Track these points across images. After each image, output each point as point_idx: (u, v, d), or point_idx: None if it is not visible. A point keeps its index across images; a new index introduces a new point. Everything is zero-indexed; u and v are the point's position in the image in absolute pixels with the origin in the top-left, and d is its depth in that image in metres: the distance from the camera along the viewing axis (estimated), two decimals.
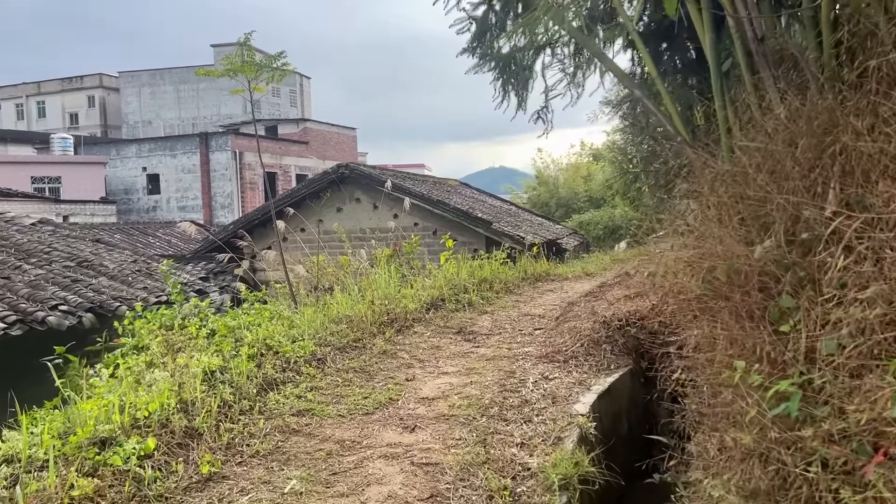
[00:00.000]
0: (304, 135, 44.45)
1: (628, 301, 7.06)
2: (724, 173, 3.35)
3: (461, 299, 8.80)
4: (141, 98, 63.45)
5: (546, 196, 45.84)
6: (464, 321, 7.93)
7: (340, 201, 16.83)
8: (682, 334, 3.83)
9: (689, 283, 3.44)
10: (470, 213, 15.69)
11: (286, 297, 9.60)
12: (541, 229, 19.69)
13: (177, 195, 39.96)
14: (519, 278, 10.79)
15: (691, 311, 3.48)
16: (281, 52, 9.90)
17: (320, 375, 5.55)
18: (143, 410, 4.12)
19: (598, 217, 37.52)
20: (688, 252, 3.51)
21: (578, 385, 5.35)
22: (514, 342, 6.94)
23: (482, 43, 7.93)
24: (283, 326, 6.55)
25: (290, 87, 63.22)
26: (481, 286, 9.62)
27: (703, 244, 3.48)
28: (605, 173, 41.75)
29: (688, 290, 3.48)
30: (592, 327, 6.37)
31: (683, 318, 3.66)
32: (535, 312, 8.56)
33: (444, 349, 6.71)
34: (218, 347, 5.76)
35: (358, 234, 16.56)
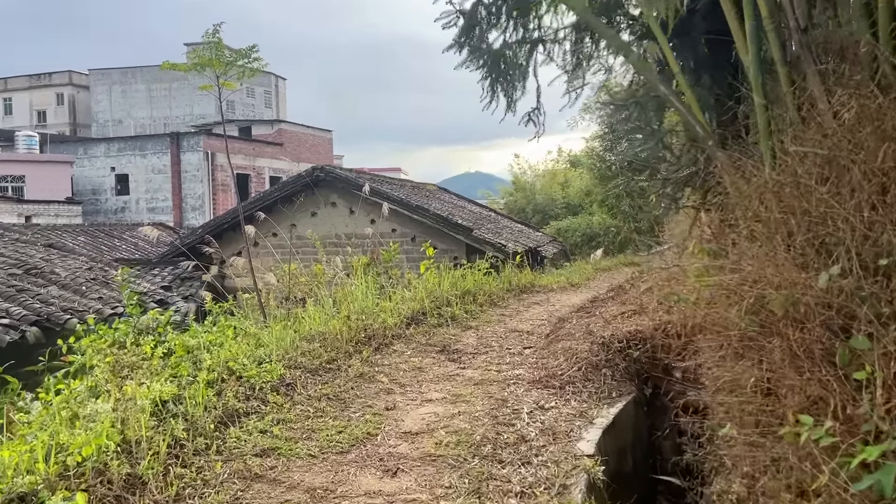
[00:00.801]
0: (279, 136, 43.62)
1: (626, 319, 6.53)
2: (773, 183, 2.81)
3: (444, 313, 8.21)
4: (112, 96, 61.94)
5: (523, 202, 45.53)
6: (447, 338, 7.34)
7: (315, 205, 16.16)
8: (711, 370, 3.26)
9: (727, 313, 2.89)
10: (450, 220, 15.12)
11: (255, 308, 8.94)
12: (521, 237, 19.18)
13: (146, 196, 38.90)
14: (503, 290, 10.23)
15: (730, 346, 2.93)
16: (252, 47, 9.26)
17: (289, 405, 4.92)
18: (76, 455, 3.46)
19: (576, 224, 37.22)
20: (724, 276, 2.96)
21: (579, 417, 4.79)
22: (503, 363, 6.37)
23: (470, 38, 7.36)
24: (248, 346, 5.91)
25: (265, 87, 62.19)
26: (464, 298, 9.05)
27: (743, 265, 2.94)
28: (584, 180, 41.57)
29: (727, 322, 2.93)
30: (590, 349, 5.81)
31: (719, 354, 3.09)
32: (522, 328, 8.00)
33: (427, 371, 6.11)
34: (174, 371, 5.11)
35: (333, 240, 15.89)
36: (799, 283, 2.56)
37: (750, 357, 2.79)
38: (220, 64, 8.95)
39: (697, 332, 4.12)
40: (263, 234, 15.71)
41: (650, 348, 5.70)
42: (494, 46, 7.23)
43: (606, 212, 36.59)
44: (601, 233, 36.08)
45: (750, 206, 2.98)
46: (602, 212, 37.06)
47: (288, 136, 43.91)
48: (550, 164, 50.15)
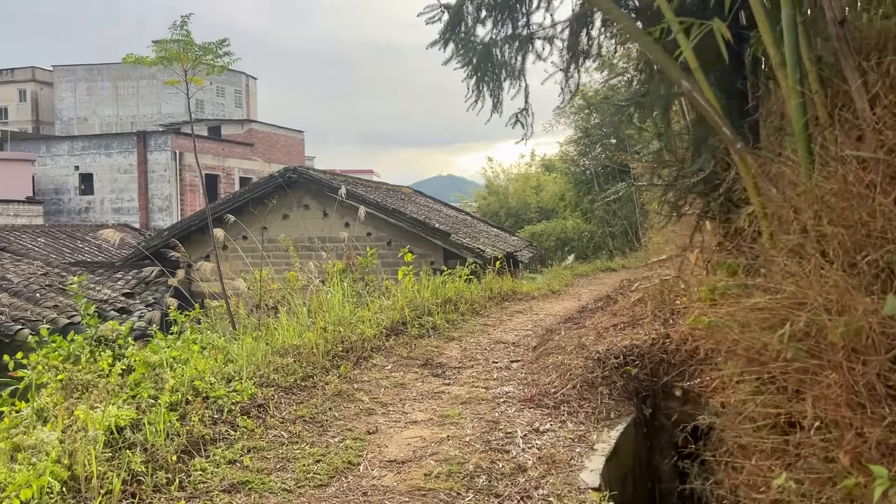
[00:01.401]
0: (249, 136, 42.83)
1: (619, 332, 6.19)
2: (821, 192, 2.47)
3: (425, 323, 7.81)
4: (76, 94, 60.36)
5: (496, 206, 45.34)
6: (430, 350, 6.94)
7: (287, 208, 15.63)
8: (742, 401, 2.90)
9: (766, 339, 2.54)
10: (427, 224, 14.72)
11: (224, 317, 8.44)
12: (498, 241, 18.85)
13: (111, 196, 37.85)
14: (485, 298, 9.85)
15: (770, 377, 2.58)
16: (223, 41, 8.75)
17: (261, 429, 4.47)
18: (13, 499, 2.99)
19: (550, 228, 37.08)
20: (759, 296, 2.61)
21: (578, 441, 4.42)
22: (491, 378, 5.98)
23: (456, 34, 6.97)
24: (216, 361, 5.44)
25: (236, 87, 61.13)
26: (446, 307, 8.65)
27: (784, 285, 2.59)
28: (558, 185, 41.49)
29: (763, 349, 2.58)
30: (585, 365, 5.45)
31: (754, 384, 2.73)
32: (507, 339, 7.63)
33: (410, 388, 5.70)
34: (133, 392, 4.63)
35: (306, 244, 15.39)
36: (860, 308, 2.21)
37: (797, 391, 2.44)
38: (188, 58, 8.45)
39: (713, 355, 3.77)
40: (233, 237, 15.15)
41: (648, 365, 5.36)
42: (480, 44, 6.85)
43: (580, 216, 36.55)
44: (575, 237, 35.99)
45: (791, 217, 2.64)
46: (576, 217, 37.01)
47: (259, 137, 43.14)
48: (524, 168, 50.10)
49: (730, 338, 2.74)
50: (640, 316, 6.43)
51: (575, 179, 36.11)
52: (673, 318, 6.00)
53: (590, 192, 34.21)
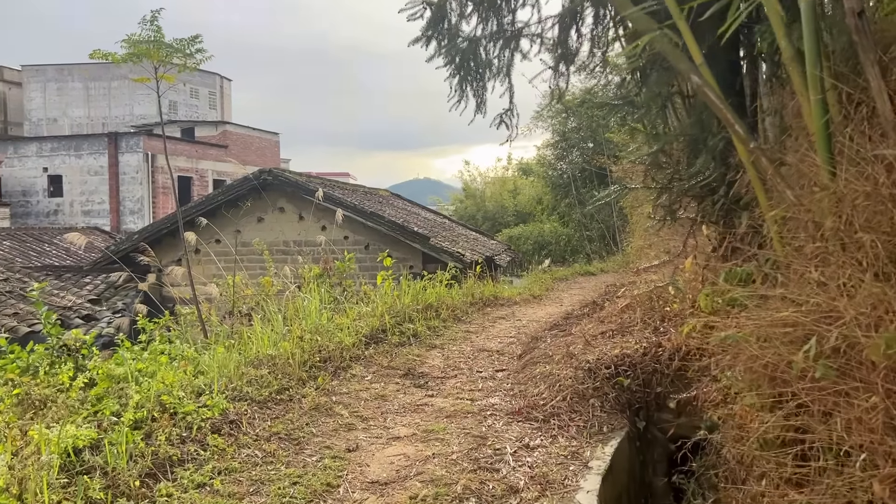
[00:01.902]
0: (224, 138, 42.24)
1: (609, 340, 5.96)
2: (853, 196, 2.25)
3: (405, 330, 7.54)
4: (46, 94, 59.05)
5: (473, 209, 45.31)
6: (411, 359, 6.67)
7: (262, 210, 15.26)
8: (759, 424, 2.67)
9: (789, 355, 2.32)
10: (406, 228, 14.45)
11: (195, 324, 8.10)
12: (477, 245, 18.63)
13: (81, 199, 37.05)
14: (466, 303, 9.61)
15: (794, 398, 2.35)
16: (195, 37, 8.41)
17: (233, 449, 4.16)
18: None
19: (527, 232, 37.06)
20: (786, 309, 2.39)
21: (571, 458, 4.18)
22: (476, 389, 5.73)
23: (438, 31, 6.72)
24: (185, 374, 5.12)
25: (210, 88, 60.27)
26: (426, 313, 8.39)
27: (808, 295, 2.37)
28: (535, 188, 41.49)
29: (790, 367, 2.35)
30: (575, 376, 5.22)
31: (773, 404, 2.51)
32: (490, 347, 7.39)
33: (392, 400, 5.42)
34: (95, 408, 4.31)
35: (281, 248, 15.04)
36: None
37: (824, 413, 2.22)
38: (159, 55, 8.10)
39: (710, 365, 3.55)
40: (206, 240, 14.79)
41: (641, 375, 5.14)
42: (464, 42, 6.62)
43: (557, 220, 36.55)
44: (553, 241, 35.99)
45: (810, 222, 2.42)
46: (553, 220, 37.01)
47: (233, 139, 42.57)
48: (500, 172, 50.19)
49: (748, 353, 2.51)
50: (629, 323, 6.22)
51: (552, 183, 36.12)
52: (664, 325, 5.80)
53: (567, 195, 34.24)
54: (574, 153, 34.72)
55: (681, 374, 5.08)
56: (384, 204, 18.53)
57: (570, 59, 4.84)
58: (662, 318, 5.96)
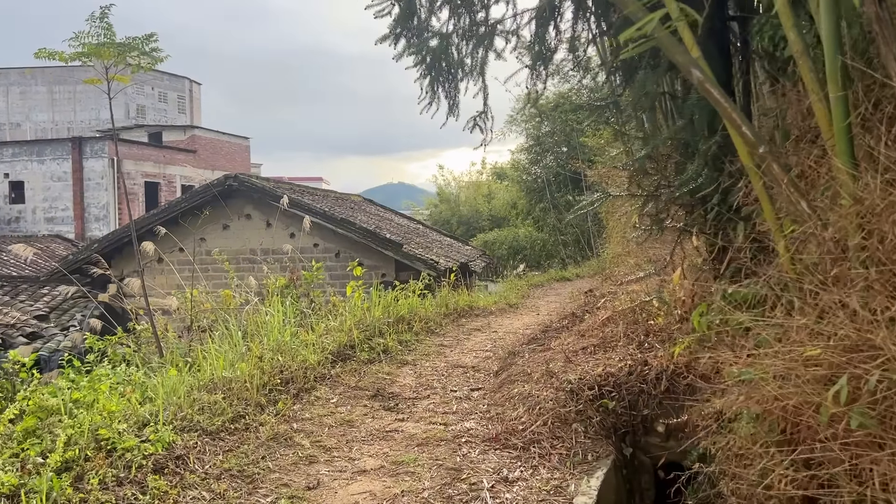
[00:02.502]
0: (192, 143, 41.38)
1: (591, 357, 5.61)
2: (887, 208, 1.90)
3: (375, 345, 7.11)
4: (9, 98, 57.55)
5: (447, 213, 45.07)
6: (381, 378, 6.25)
7: (227, 217, 14.72)
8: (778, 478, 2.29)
9: (816, 398, 1.95)
10: (378, 234, 14.01)
11: (152, 341, 7.59)
12: (452, 251, 18.25)
13: (44, 205, 36.00)
14: (440, 314, 9.20)
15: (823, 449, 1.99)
16: (150, 35, 7.92)
17: (177, 490, 3.71)
18: None
19: (502, 237, 36.85)
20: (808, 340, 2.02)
21: (555, 494, 3.79)
22: (450, 412, 5.33)
23: (407, 28, 6.33)
24: (130, 402, 4.65)
25: (179, 92, 59.26)
26: (398, 326, 7.97)
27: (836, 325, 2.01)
28: (510, 193, 41.29)
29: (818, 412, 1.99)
30: (556, 398, 4.84)
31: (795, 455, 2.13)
32: (466, 362, 6.99)
33: (359, 426, 5.00)
34: (22, 446, 3.83)
35: (247, 256, 14.51)
36: None
37: (856, 468, 1.86)
38: (111, 53, 7.60)
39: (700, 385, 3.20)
40: (168, 249, 14.21)
41: (626, 397, 4.78)
42: (435, 40, 6.24)
43: (532, 224, 36.36)
44: (527, 245, 35.79)
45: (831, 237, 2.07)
46: (528, 225, 36.82)
47: (202, 143, 41.74)
48: (475, 176, 50.06)
49: (764, 394, 2.14)
50: (611, 338, 5.87)
51: (527, 188, 35.93)
52: (648, 340, 5.46)
53: (542, 200, 34.06)
54: (548, 157, 34.56)
55: (669, 394, 4.74)
56: (356, 210, 18.08)
57: (547, 58, 4.48)
58: (647, 333, 5.62)
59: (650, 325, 5.69)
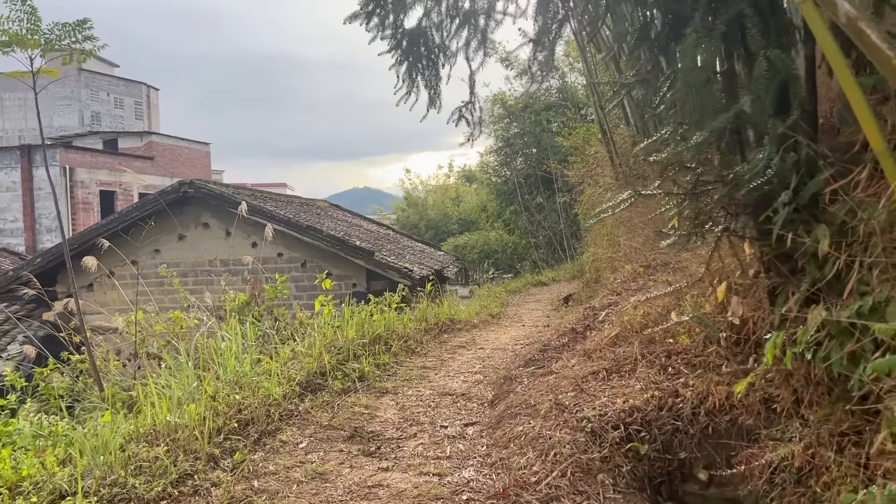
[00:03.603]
0: (150, 149, 39.89)
1: (605, 384, 4.79)
2: None
3: (349, 372, 6.21)
4: None
5: (415, 218, 44.35)
6: (358, 412, 5.35)
7: (183, 226, 13.64)
8: None
9: None
10: (347, 242, 13.07)
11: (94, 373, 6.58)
12: (425, 257, 17.37)
13: None
14: (420, 331, 8.32)
15: None
16: (83, 21, 6.93)
17: None
18: None
19: (473, 241, 36.20)
20: None
21: None
22: (443, 456, 4.46)
23: (381, 6, 5.48)
24: (43, 467, 3.69)
25: (135, 98, 57.41)
26: (374, 347, 7.08)
27: None
28: (479, 195, 40.61)
29: None
30: (574, 440, 4.01)
31: None
32: (454, 388, 6.14)
33: (335, 480, 4.11)
34: None
35: (206, 268, 13.47)
36: None
37: None
38: (35, 42, 6.59)
39: None
40: (121, 262, 13.10)
41: (659, 437, 3.97)
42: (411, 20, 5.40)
43: (503, 227, 35.72)
44: (499, 249, 35.18)
45: None
46: (499, 228, 36.19)
47: (160, 150, 40.27)
48: (442, 180, 49.41)
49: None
50: (625, 360, 5.07)
51: (497, 190, 35.23)
52: (672, 364, 4.66)
53: (512, 202, 33.36)
54: (518, 159, 33.94)
55: (709, 433, 3.94)
56: (323, 216, 17.10)
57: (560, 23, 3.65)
58: (668, 355, 4.83)
59: (671, 346, 4.90)
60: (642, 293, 6.82)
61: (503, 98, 33.01)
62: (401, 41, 5.78)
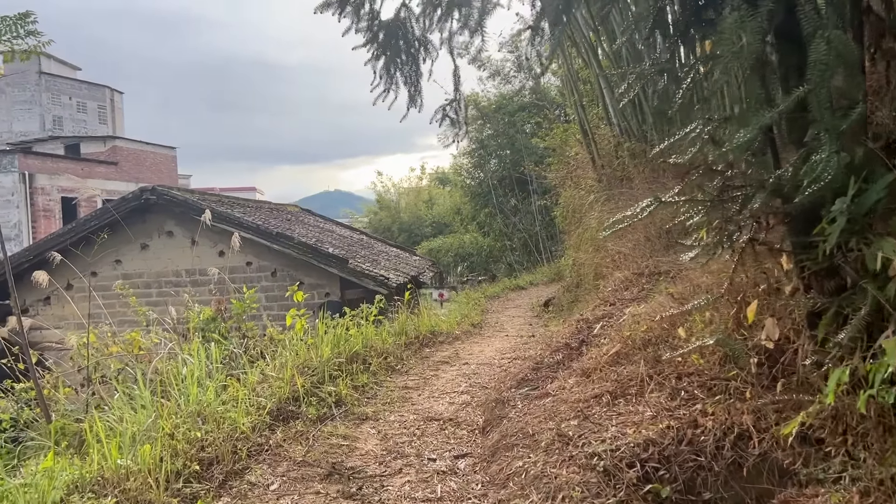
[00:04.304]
0: (114, 154, 38.77)
1: (610, 410, 4.33)
2: None
3: (325, 396, 5.68)
4: None
5: (388, 221, 43.82)
6: (336, 444, 4.82)
7: (146, 235, 12.95)
8: None
9: None
10: (320, 249, 12.49)
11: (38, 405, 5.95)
12: (401, 264, 16.83)
13: None
14: (400, 346, 7.79)
15: None
16: (25, 14, 6.31)
17: None
18: None
19: (447, 244, 35.76)
20: None
21: None
22: (432, 496, 3.96)
23: None
24: None
25: (99, 101, 55.95)
26: (352, 366, 6.55)
27: None
28: (454, 198, 40.16)
29: None
30: (584, 481, 3.53)
31: None
32: (440, 411, 5.64)
33: None
34: None
35: (171, 279, 12.79)
36: None
37: None
38: None
39: None
40: (78, 274, 12.38)
41: (679, 475, 3.51)
42: (388, 10, 4.90)
43: (477, 230, 35.33)
44: (474, 252, 34.76)
45: None
46: (473, 230, 35.78)
47: (124, 154, 39.16)
48: (415, 182, 48.94)
49: None
50: (629, 381, 4.61)
51: (471, 192, 34.81)
52: (685, 387, 4.21)
53: (487, 204, 32.95)
54: (492, 161, 33.55)
55: (736, 469, 3.49)
56: (294, 221, 16.48)
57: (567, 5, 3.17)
58: (678, 376, 4.38)
59: (680, 366, 4.46)
60: (638, 303, 6.39)
61: (476, 99, 32.60)
62: (377, 34, 5.30)
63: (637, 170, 9.33)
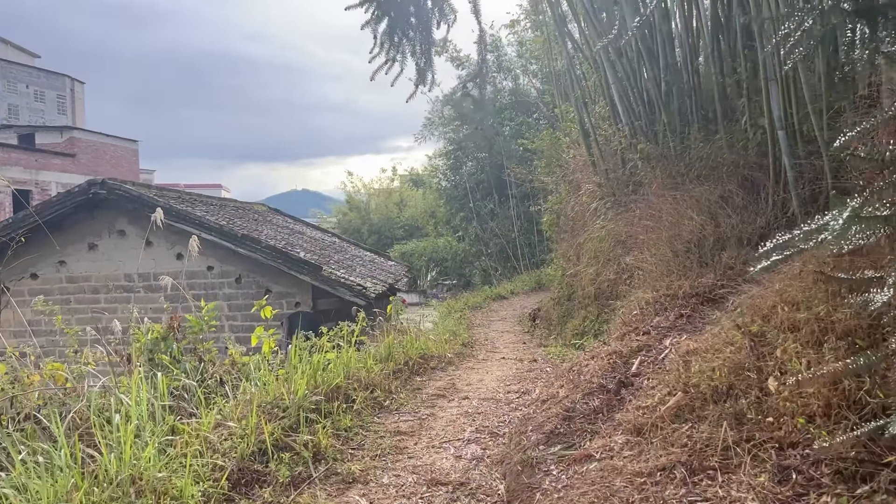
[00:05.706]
0: (71, 145, 36.79)
1: (691, 492, 3.22)
2: None
3: (300, 448, 4.48)
4: None
5: (357, 222, 42.56)
6: None
7: (94, 234, 11.55)
8: None
9: None
10: (290, 254, 11.24)
11: None
12: (375, 269, 15.62)
13: None
14: (388, 374, 6.60)
15: None
16: None
17: None
18: None
19: (421, 248, 34.65)
20: None
21: None
22: None
23: None
24: None
25: (59, 91, 53.58)
26: (332, 403, 5.35)
27: None
28: (427, 200, 39.01)
29: None
30: None
31: None
32: (445, 470, 4.48)
33: None
34: None
35: (122, 284, 11.42)
36: None
37: None
38: None
39: None
40: (17, 276, 10.98)
41: None
42: None
43: (451, 234, 34.21)
44: (448, 257, 33.67)
45: None
46: (448, 234, 34.66)
47: (82, 146, 37.20)
48: (385, 183, 47.67)
49: None
50: (706, 447, 3.52)
51: (447, 195, 33.64)
52: (793, 463, 3.13)
53: (463, 208, 31.81)
54: (469, 163, 32.44)
55: None
56: (261, 222, 15.16)
57: None
58: (779, 446, 3.30)
59: (775, 429, 3.37)
60: (679, 333, 5.32)
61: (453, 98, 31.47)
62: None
63: (653, 174, 8.27)
